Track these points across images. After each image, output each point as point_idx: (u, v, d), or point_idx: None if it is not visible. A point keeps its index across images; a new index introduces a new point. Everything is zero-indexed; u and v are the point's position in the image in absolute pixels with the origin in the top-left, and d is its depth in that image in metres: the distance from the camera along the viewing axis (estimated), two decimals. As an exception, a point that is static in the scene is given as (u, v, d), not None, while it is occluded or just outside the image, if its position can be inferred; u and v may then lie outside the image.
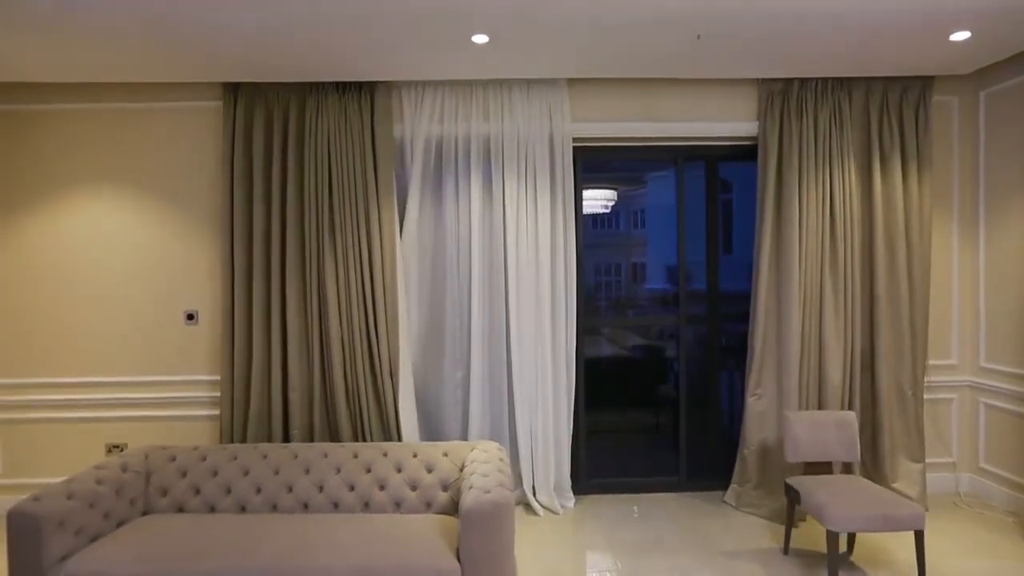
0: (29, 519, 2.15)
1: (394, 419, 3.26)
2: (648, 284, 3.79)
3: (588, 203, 4.03)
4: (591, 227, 3.98)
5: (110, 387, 3.43)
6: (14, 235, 3.43)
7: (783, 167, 3.38)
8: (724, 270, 3.70)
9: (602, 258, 3.97)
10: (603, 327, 4.00)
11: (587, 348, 3.79)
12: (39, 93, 3.40)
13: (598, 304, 3.95)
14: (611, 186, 4.43)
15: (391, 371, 3.27)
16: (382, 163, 3.31)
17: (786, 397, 3.35)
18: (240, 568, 2.14)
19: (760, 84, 3.43)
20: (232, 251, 3.26)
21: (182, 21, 2.47)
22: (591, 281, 3.92)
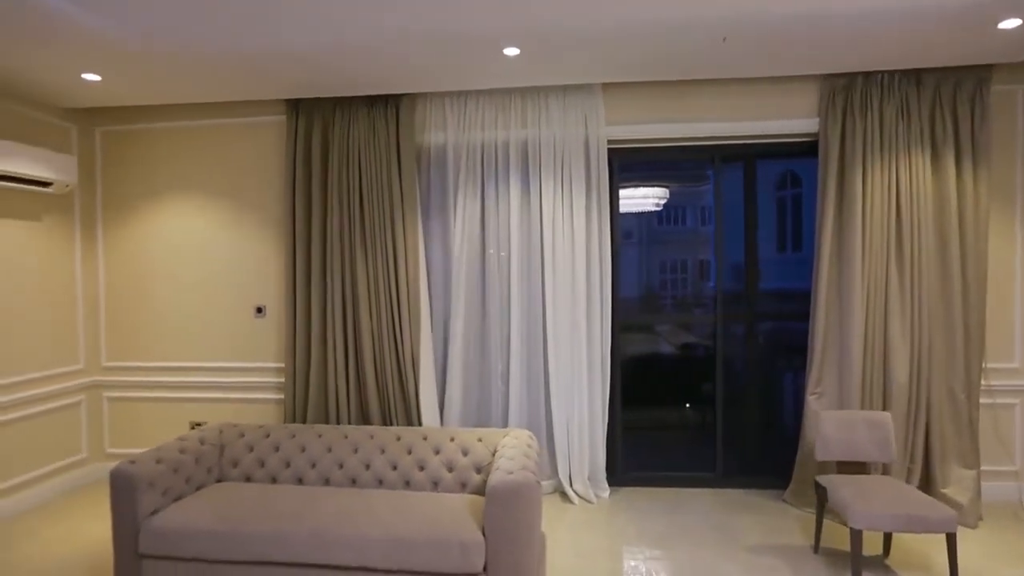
0: (126, 478, 2.55)
1: (415, 406, 3.56)
2: (711, 282, 3.79)
3: (638, 201, 4.09)
4: (656, 224, 3.97)
5: (194, 371, 3.90)
6: (120, 237, 3.97)
7: (845, 162, 3.34)
8: (793, 268, 3.68)
9: (668, 255, 3.95)
10: (642, 326, 4.05)
11: (637, 346, 3.89)
12: (138, 115, 3.91)
13: (663, 303, 3.95)
14: (664, 183, 4.47)
15: (413, 363, 3.55)
16: (406, 171, 3.57)
17: (847, 396, 3.32)
18: (294, 531, 2.45)
19: (823, 80, 3.38)
20: (294, 251, 3.62)
21: (251, 46, 2.80)
22: (655, 279, 3.95)
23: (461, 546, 2.34)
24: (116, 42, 2.69)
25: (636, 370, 3.95)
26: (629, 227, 4.00)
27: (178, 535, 2.48)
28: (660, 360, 3.96)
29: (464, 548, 2.34)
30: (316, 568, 2.45)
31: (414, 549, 2.36)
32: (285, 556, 2.43)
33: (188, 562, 2.51)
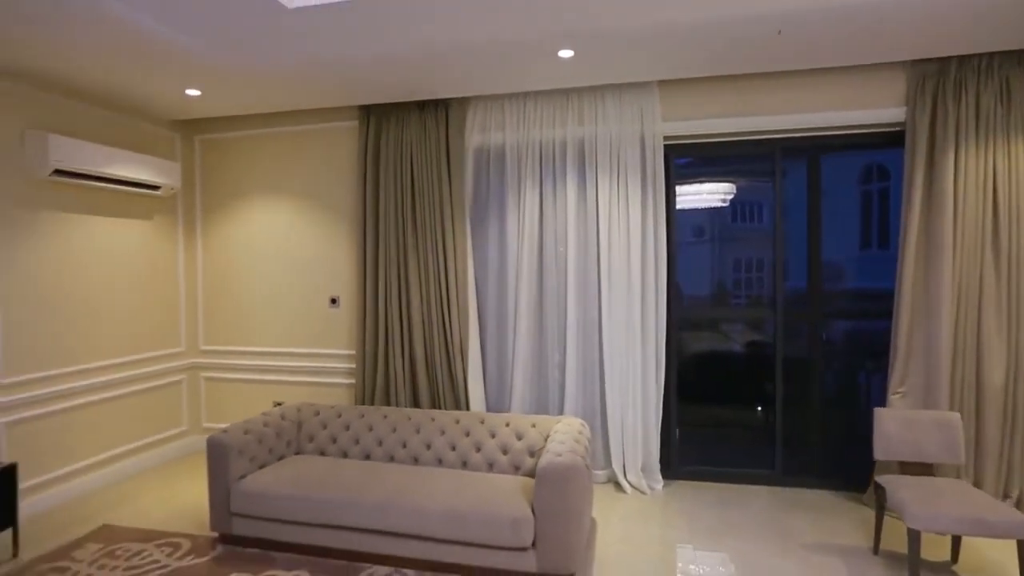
0: (220, 445, 2.89)
1: (463, 391, 3.75)
2: (790, 281, 3.71)
3: (704, 197, 4.07)
4: (729, 220, 3.93)
5: (276, 356, 4.28)
6: (215, 235, 4.42)
7: (935, 152, 3.21)
8: (878, 266, 3.56)
9: (742, 253, 3.89)
10: (708, 323, 4.01)
11: (701, 343, 3.90)
12: (231, 124, 4.34)
13: (737, 301, 3.91)
14: (731, 179, 4.42)
15: (461, 351, 3.75)
16: (455, 171, 3.77)
17: (934, 397, 3.19)
18: (359, 500, 2.68)
19: (911, 66, 3.24)
20: (365, 246, 3.90)
21: (328, 59, 3.07)
22: (728, 277, 3.89)
23: (512, 522, 2.49)
24: (214, 62, 3.04)
25: (700, 367, 3.95)
26: (701, 224, 3.98)
27: (262, 497, 2.79)
28: (725, 358, 3.93)
29: (515, 524, 2.49)
30: (379, 534, 2.67)
31: (469, 522, 2.54)
32: (352, 521, 2.67)
33: (270, 521, 2.81)
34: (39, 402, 3.35)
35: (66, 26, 2.58)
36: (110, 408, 3.81)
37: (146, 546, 2.90)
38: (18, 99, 3.26)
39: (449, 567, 2.63)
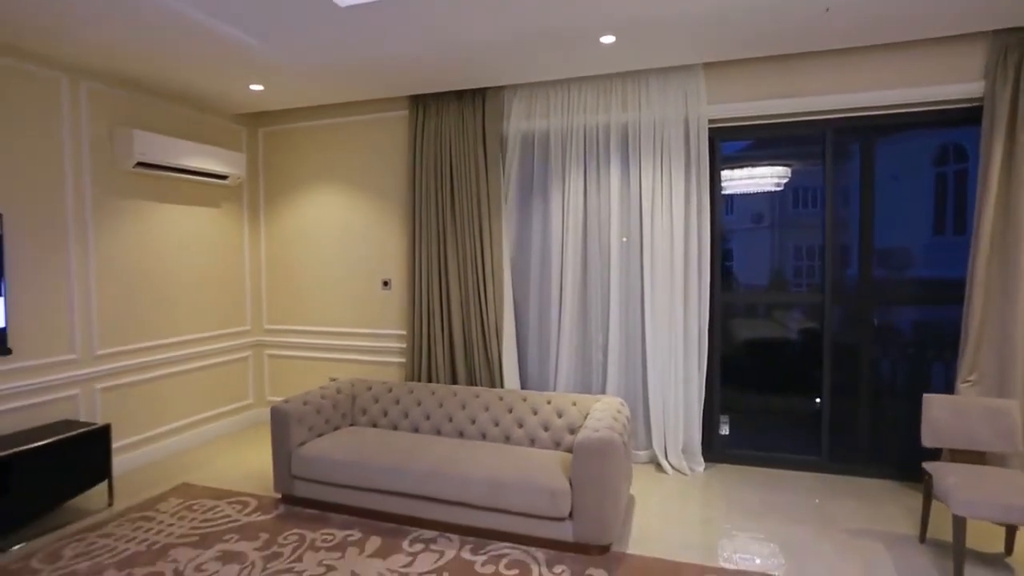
0: (282, 414, 3.14)
1: (498, 370, 3.89)
2: (851, 270, 3.62)
3: (756, 181, 4.01)
4: (791, 206, 3.83)
5: (333, 335, 4.54)
6: (277, 221, 4.72)
7: (1017, 128, 3.06)
8: (951, 252, 3.43)
9: (803, 239, 3.75)
10: (760, 310, 3.95)
11: (753, 330, 3.88)
12: (291, 116, 4.60)
13: (799, 290, 3.83)
14: (785, 163, 4.33)
15: (496, 332, 3.88)
16: (491, 159, 3.86)
17: (1009, 385, 3.08)
18: (407, 468, 2.87)
19: (992, 37, 3.09)
20: (413, 230, 4.08)
21: (381, 53, 3.23)
22: (790, 265, 3.80)
23: (551, 493, 2.61)
24: (275, 59, 3.25)
25: (752, 354, 3.91)
26: (760, 209, 3.91)
27: (319, 462, 3.02)
28: (777, 345, 3.88)
29: (553, 495, 2.61)
30: (425, 500, 2.85)
31: (509, 492, 2.67)
32: (400, 487, 2.86)
33: (326, 485, 3.04)
34: (127, 372, 3.71)
35: (148, 32, 2.83)
36: (187, 380, 4.17)
37: (219, 503, 3.19)
38: (108, 99, 3.59)
39: (490, 533, 2.78)
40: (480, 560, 2.59)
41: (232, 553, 2.65)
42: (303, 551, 2.67)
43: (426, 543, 2.75)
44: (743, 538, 2.83)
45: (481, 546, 2.72)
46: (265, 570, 2.51)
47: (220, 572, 2.49)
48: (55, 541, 2.79)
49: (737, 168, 3.91)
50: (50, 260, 3.28)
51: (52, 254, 3.29)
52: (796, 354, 3.85)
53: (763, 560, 2.62)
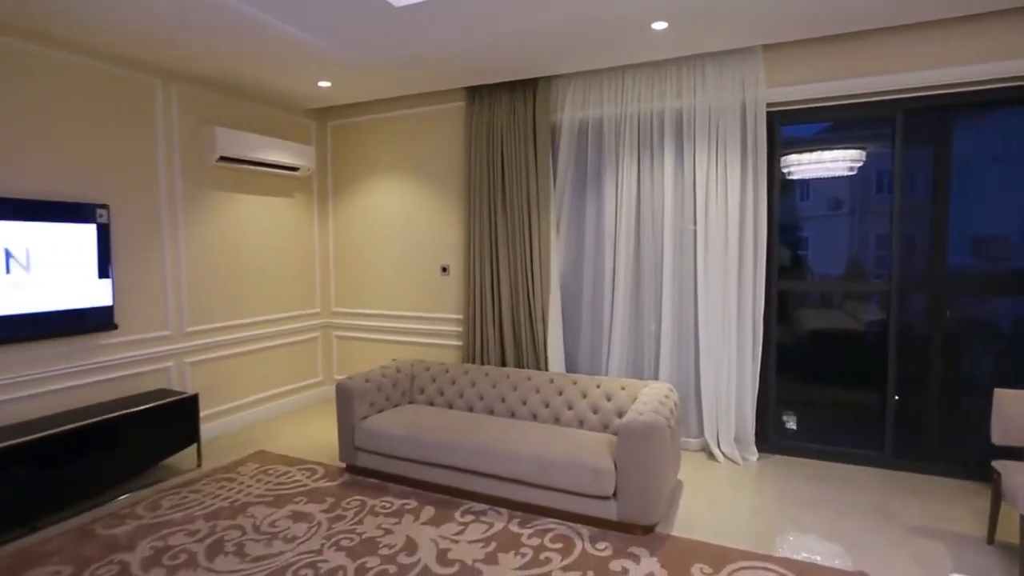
0: (347, 390, 3.38)
1: (544, 353, 3.99)
2: (923, 259, 3.43)
3: (827, 165, 3.87)
4: (874, 192, 3.64)
5: (395, 319, 4.79)
6: (344, 210, 5.00)
7: None
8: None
9: (886, 227, 3.46)
10: (826, 300, 3.80)
11: (818, 321, 3.78)
12: (356, 110, 4.84)
13: (879, 280, 3.63)
14: (860, 145, 4.14)
15: (543, 318, 3.97)
16: (541, 148, 3.93)
17: None
18: (462, 444, 3.02)
19: None
20: (468, 218, 4.22)
21: (432, 46, 3.36)
22: (871, 254, 3.62)
23: (595, 472, 2.70)
24: (339, 57, 3.45)
25: (818, 345, 3.81)
26: (840, 195, 3.76)
27: (379, 435, 3.23)
28: (842, 336, 3.76)
29: (597, 474, 2.69)
30: (477, 475, 3.01)
31: (556, 469, 2.78)
32: (454, 462, 3.02)
33: (385, 456, 3.26)
34: (212, 348, 4.09)
35: (229, 38, 3.09)
36: (263, 357, 4.53)
37: (291, 469, 3.49)
38: (194, 99, 3.93)
39: (537, 509, 2.90)
40: (527, 533, 2.71)
41: (301, 513, 2.91)
42: (364, 515, 2.89)
43: (476, 515, 2.90)
44: (792, 528, 2.81)
45: (528, 520, 2.84)
46: (330, 530, 2.74)
47: (291, 529, 2.75)
48: (154, 493, 3.15)
49: (806, 152, 3.79)
50: (147, 246, 3.66)
51: (148, 241, 3.67)
52: (862, 345, 3.71)
53: (811, 550, 2.60)
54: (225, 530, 2.74)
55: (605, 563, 2.45)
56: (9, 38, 2.97)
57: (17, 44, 3.00)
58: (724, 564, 2.44)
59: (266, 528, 2.76)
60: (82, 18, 2.85)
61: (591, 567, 2.42)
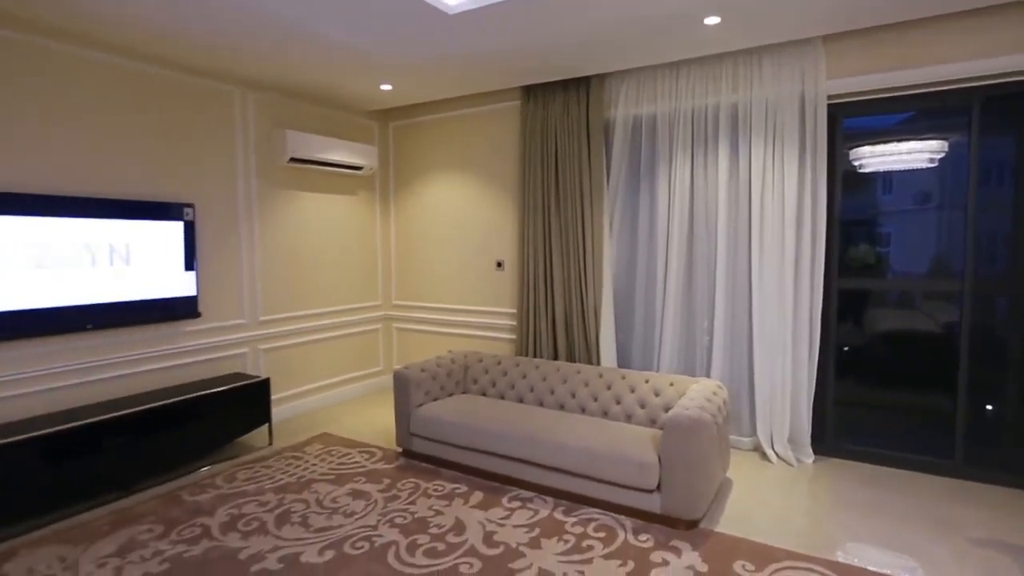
0: (403, 378, 3.57)
1: (595, 348, 4.02)
2: (1003, 257, 3.24)
3: (903, 157, 3.69)
4: (965, 185, 3.42)
5: (451, 312, 4.96)
6: (404, 207, 5.22)
7: None
8: None
9: (979, 223, 3.25)
10: (901, 300, 3.61)
11: (891, 321, 3.64)
12: (416, 111, 5.04)
13: (958, 279, 3.42)
14: (941, 135, 3.93)
15: (595, 312, 4.00)
16: (594, 146, 3.95)
17: None
18: (511, 433, 3.13)
19: None
20: (523, 215, 4.32)
21: (487, 48, 3.47)
22: (959, 250, 3.36)
23: (639, 465, 2.74)
24: (399, 61, 3.62)
25: (884, 345, 3.65)
26: (928, 187, 3.55)
27: (434, 422, 3.40)
28: (911, 337, 3.58)
29: (641, 467, 2.73)
30: (524, 463, 3.11)
31: (601, 461, 2.84)
32: (503, 450, 3.14)
33: (439, 443, 3.42)
34: (282, 336, 4.40)
35: (299, 49, 3.33)
36: (328, 346, 4.82)
37: (351, 451, 3.72)
38: (267, 105, 4.23)
39: (582, 499, 2.97)
40: (571, 521, 2.79)
41: (360, 491, 3.12)
42: (417, 496, 3.06)
43: (523, 501, 3.01)
44: (843, 532, 2.74)
45: (573, 509, 2.92)
46: (385, 508, 2.93)
47: (350, 505, 2.95)
48: (231, 467, 3.45)
49: (879, 143, 3.63)
50: (226, 241, 3.99)
51: (227, 237, 4.00)
52: (936, 348, 3.52)
53: (864, 556, 2.54)
54: (292, 503, 2.98)
55: (646, 554, 2.50)
56: (111, 55, 3.32)
57: (117, 61, 3.35)
58: (768, 563, 2.43)
59: (328, 503, 2.98)
60: (175, 35, 3.15)
61: (632, 557, 2.47)
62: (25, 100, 2.99)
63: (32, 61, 3.01)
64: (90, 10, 2.82)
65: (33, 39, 3.01)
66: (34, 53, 3.02)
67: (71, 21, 2.97)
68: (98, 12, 2.85)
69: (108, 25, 3.02)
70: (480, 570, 2.37)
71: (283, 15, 2.90)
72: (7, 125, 2.93)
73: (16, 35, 2.94)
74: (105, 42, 3.27)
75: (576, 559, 2.46)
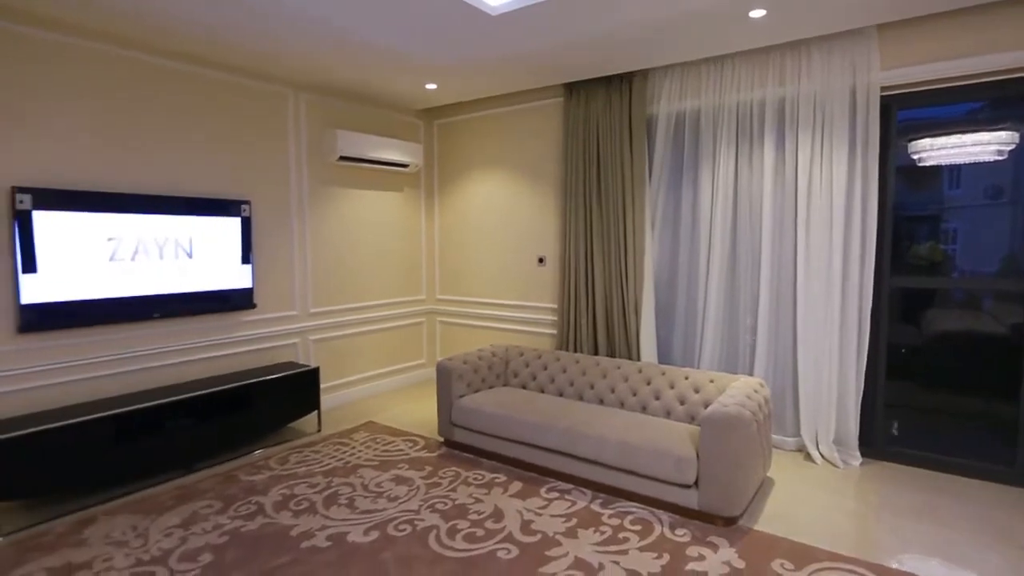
0: (446, 369, 3.67)
1: (636, 344, 4.02)
2: None
3: (968, 150, 3.54)
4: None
5: (493, 307, 5.05)
6: (448, 203, 5.34)
7: None
8: None
9: None
10: (966, 301, 3.45)
11: (955, 322, 3.51)
12: (459, 109, 5.14)
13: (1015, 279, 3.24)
14: (1012, 126, 3.74)
15: (636, 307, 4.00)
16: (636, 141, 3.94)
17: None
18: (551, 425, 3.19)
19: None
20: (564, 211, 4.35)
21: (530, 47, 3.52)
22: None
23: (677, 459, 2.75)
24: (443, 62, 3.71)
25: (942, 347, 3.51)
26: (1001, 181, 3.37)
27: (475, 413, 3.49)
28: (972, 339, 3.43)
29: (679, 462, 2.74)
30: (563, 455, 3.16)
31: (638, 455, 2.86)
32: (542, 442, 3.20)
33: (479, 433, 3.50)
34: (331, 328, 4.58)
35: (348, 53, 3.46)
36: (375, 339, 4.99)
37: (395, 439, 3.85)
38: (319, 106, 4.41)
39: (620, 492, 3.00)
40: (607, 513, 2.83)
41: (403, 478, 3.24)
42: (457, 484, 3.15)
43: (561, 493, 3.06)
44: (888, 534, 2.68)
45: (610, 502, 2.95)
46: (427, 494, 3.03)
47: (393, 490, 3.07)
48: (283, 451, 3.64)
49: (940, 135, 3.48)
50: (279, 236, 4.19)
51: (280, 232, 4.20)
52: (998, 351, 3.36)
53: (907, 559, 2.48)
54: (339, 486, 3.12)
55: (682, 548, 2.51)
56: (178, 62, 3.54)
57: (184, 68, 3.58)
58: (808, 562, 2.40)
59: (373, 487, 3.11)
60: (235, 44, 3.34)
61: (668, 550, 2.49)
62: (105, 107, 3.23)
63: (114, 71, 3.25)
64: (161, 23, 3.03)
65: (109, 48, 3.24)
66: (115, 63, 3.25)
67: (145, 33, 3.18)
68: (168, 25, 3.05)
69: (176, 36, 3.22)
70: (517, 556, 2.44)
71: (334, 22, 3.03)
72: (89, 130, 3.17)
73: (115, 49, 3.18)
74: (171, 51, 3.49)
75: (612, 549, 2.50)
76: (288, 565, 2.38)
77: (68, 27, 3.08)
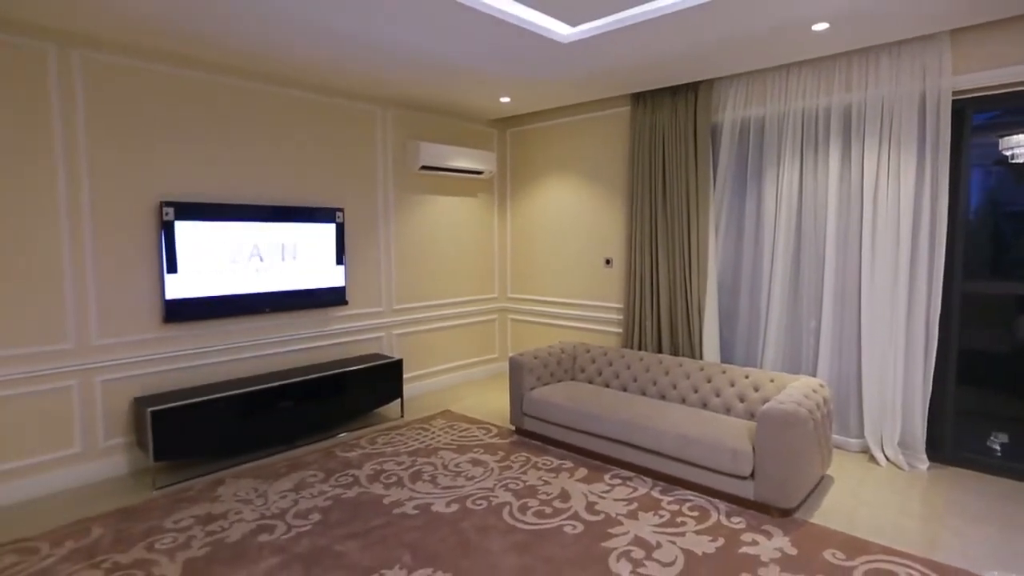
0: (518, 363, 3.99)
1: (699, 344, 4.18)
2: None
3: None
4: None
5: (563, 305, 5.32)
6: (519, 208, 5.65)
7: None
8: None
9: None
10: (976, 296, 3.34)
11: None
12: (530, 119, 5.44)
13: None
14: None
15: (699, 309, 4.15)
16: (701, 149, 4.08)
17: None
18: (614, 416, 3.43)
19: None
20: (631, 215, 4.56)
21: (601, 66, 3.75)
22: None
23: (733, 452, 2.92)
24: (518, 79, 4.02)
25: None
26: None
27: (544, 404, 3.78)
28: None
29: (735, 454, 2.91)
30: (624, 445, 3.39)
31: (695, 446, 3.06)
32: (605, 432, 3.45)
33: (548, 423, 3.79)
34: (412, 323, 5.02)
35: (431, 73, 3.84)
36: (451, 334, 5.39)
37: (471, 426, 4.21)
38: (402, 120, 4.84)
39: (679, 481, 3.20)
40: (667, 500, 3.04)
41: (479, 460, 3.58)
42: (528, 468, 3.46)
43: (623, 480, 3.30)
44: (949, 535, 2.73)
45: (669, 490, 3.16)
46: (500, 475, 3.36)
47: (470, 471, 3.42)
48: (371, 432, 4.09)
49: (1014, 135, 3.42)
50: (367, 240, 4.65)
51: (368, 236, 4.66)
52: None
53: (966, 559, 2.54)
54: (422, 464, 3.51)
55: (737, 534, 2.69)
56: (279, 87, 4.05)
57: (292, 94, 4.08)
58: (860, 554, 2.52)
59: (452, 467, 3.47)
60: (334, 70, 3.79)
61: (723, 535, 2.68)
62: (228, 132, 3.77)
63: (239, 101, 3.79)
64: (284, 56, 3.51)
65: (233, 81, 3.78)
66: (238, 94, 3.79)
67: (269, 65, 3.69)
68: (295, 62, 3.53)
69: (276, 62, 3.71)
70: (582, 532, 2.71)
71: (423, 49, 3.40)
72: (216, 152, 3.72)
73: (239, 82, 3.72)
74: (274, 76, 3.99)
75: (670, 531, 2.72)
76: (383, 527, 2.77)
77: (208, 65, 3.63)
